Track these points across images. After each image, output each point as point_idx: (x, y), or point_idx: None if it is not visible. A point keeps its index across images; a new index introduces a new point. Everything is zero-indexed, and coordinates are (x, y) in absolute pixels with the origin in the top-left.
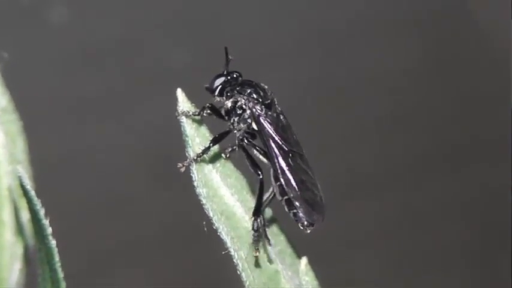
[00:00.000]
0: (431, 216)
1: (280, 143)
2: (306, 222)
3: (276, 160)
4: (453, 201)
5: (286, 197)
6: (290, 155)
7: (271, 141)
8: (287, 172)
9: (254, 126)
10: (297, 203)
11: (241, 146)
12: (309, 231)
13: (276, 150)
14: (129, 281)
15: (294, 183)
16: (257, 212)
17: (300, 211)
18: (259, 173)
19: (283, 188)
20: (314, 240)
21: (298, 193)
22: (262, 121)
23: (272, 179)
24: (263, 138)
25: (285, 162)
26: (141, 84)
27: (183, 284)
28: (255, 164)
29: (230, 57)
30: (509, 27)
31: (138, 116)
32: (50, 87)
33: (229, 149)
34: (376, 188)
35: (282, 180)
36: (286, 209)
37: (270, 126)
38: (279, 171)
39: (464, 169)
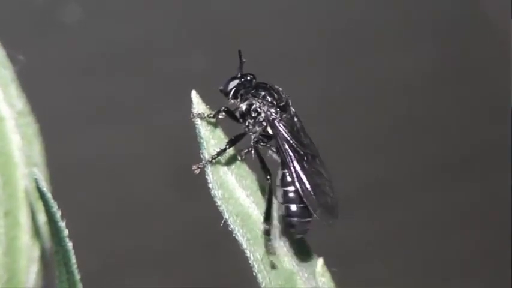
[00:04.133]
0: (445, 221)
1: (295, 146)
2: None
3: (291, 164)
4: (466, 205)
5: (287, 204)
6: (305, 158)
7: (286, 144)
8: (302, 176)
9: (269, 129)
10: (311, 207)
11: (256, 148)
12: (299, 236)
13: (290, 153)
14: (145, 283)
15: (309, 188)
16: (267, 217)
17: (316, 215)
18: (268, 177)
19: (294, 192)
20: (330, 242)
21: (314, 197)
22: (276, 124)
23: (278, 182)
24: (278, 141)
25: (300, 166)
26: (158, 88)
27: None
28: (266, 169)
29: (244, 59)
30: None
31: (155, 119)
32: (65, 90)
33: (245, 151)
34: (392, 193)
35: (297, 184)
36: (284, 214)
37: (284, 130)
38: (294, 175)
39: (474, 174)
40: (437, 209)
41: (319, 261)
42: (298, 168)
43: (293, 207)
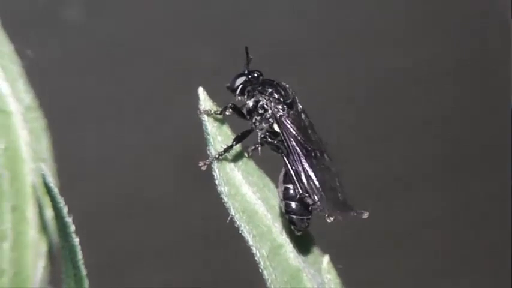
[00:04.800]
0: (445, 221)
1: (303, 142)
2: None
3: (298, 160)
4: (466, 205)
5: (287, 201)
6: (313, 154)
7: (293, 141)
8: (310, 173)
9: (276, 126)
10: (318, 203)
11: (263, 145)
12: (299, 233)
13: (298, 149)
14: (152, 279)
15: (317, 184)
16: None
17: (322, 211)
18: (282, 153)
19: (302, 187)
20: (335, 240)
21: (322, 193)
22: (284, 121)
23: (281, 179)
24: (285, 138)
25: (308, 162)
26: (162, 86)
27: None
28: (277, 146)
29: (250, 56)
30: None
31: (159, 118)
32: (67, 89)
33: (252, 148)
34: (392, 193)
35: (304, 180)
36: (283, 210)
37: (292, 126)
38: (302, 171)
39: (474, 174)
40: (437, 209)
41: (325, 258)
42: (306, 164)
43: (293, 205)
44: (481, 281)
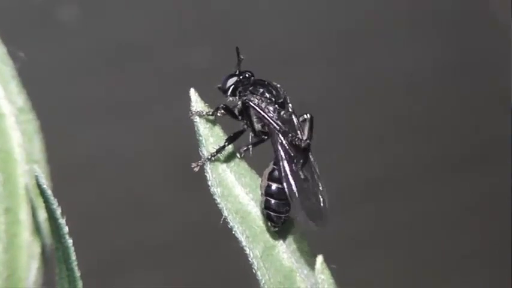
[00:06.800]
0: (445, 221)
1: (287, 147)
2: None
3: (281, 163)
4: (466, 205)
5: (267, 197)
6: (294, 160)
7: (278, 144)
8: (289, 177)
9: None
10: (297, 208)
11: (255, 145)
12: (276, 229)
13: (282, 153)
14: (146, 281)
15: (294, 189)
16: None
17: (298, 216)
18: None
19: (276, 188)
20: (329, 240)
21: (298, 199)
22: (274, 121)
23: (266, 174)
24: (273, 138)
25: (289, 167)
26: (158, 86)
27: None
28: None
29: (241, 57)
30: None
31: (155, 118)
32: (64, 89)
33: (244, 148)
34: (392, 193)
35: (284, 184)
36: (262, 206)
37: (281, 127)
38: (283, 174)
39: (474, 173)
40: (437, 208)
41: (319, 259)
42: (287, 168)
43: (272, 201)
44: (481, 281)
